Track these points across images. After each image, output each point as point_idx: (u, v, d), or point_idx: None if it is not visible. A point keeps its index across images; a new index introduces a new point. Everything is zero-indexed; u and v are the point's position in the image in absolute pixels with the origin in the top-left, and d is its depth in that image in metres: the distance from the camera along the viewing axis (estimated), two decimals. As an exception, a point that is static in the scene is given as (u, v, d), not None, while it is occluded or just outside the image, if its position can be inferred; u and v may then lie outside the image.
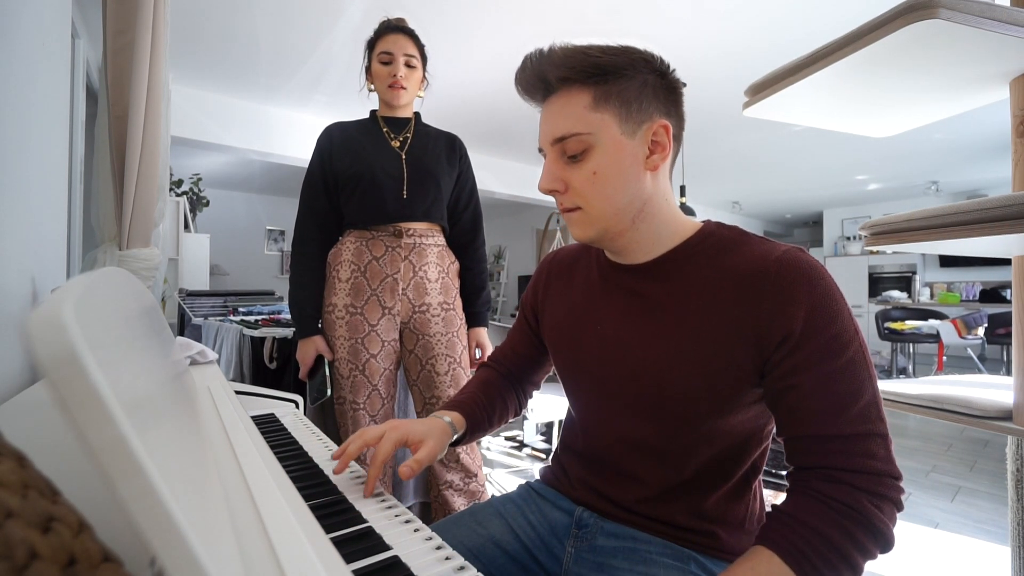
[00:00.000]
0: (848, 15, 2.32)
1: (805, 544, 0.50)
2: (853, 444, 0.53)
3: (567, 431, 0.76)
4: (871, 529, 0.50)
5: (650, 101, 0.58)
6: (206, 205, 4.78)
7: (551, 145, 0.60)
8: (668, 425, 0.61)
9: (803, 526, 0.51)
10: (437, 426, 0.67)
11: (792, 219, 8.58)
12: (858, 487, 0.52)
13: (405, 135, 1.38)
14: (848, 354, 0.53)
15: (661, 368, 0.60)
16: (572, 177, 0.59)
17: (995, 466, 2.54)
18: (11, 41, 0.64)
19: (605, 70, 0.56)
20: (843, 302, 0.55)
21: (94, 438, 0.20)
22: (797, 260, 0.55)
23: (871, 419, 0.53)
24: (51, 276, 0.85)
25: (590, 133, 0.57)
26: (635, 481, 0.65)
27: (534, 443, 2.89)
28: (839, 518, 0.51)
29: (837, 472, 0.53)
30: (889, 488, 0.52)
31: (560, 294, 0.75)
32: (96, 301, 0.29)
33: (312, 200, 1.37)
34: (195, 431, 0.44)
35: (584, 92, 0.57)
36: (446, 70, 2.89)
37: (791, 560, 0.49)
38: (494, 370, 0.84)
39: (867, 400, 0.53)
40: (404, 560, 0.44)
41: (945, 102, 1.00)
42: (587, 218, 0.61)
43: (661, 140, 0.59)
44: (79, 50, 1.96)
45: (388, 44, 1.31)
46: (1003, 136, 4.04)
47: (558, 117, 0.59)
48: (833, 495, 0.52)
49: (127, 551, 0.24)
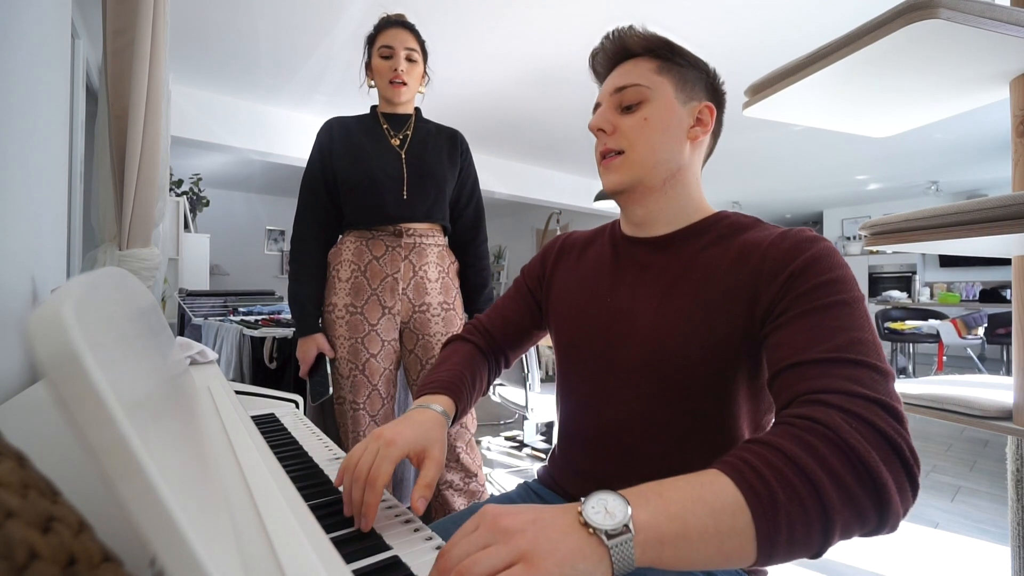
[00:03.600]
0: (848, 15, 2.32)
1: (752, 456, 0.41)
2: (836, 368, 0.45)
3: (566, 417, 0.74)
4: (845, 451, 0.39)
5: (701, 89, 0.67)
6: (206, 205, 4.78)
7: (611, 95, 0.66)
8: (669, 396, 0.61)
9: (755, 442, 0.42)
10: (432, 422, 0.59)
11: (792, 219, 8.57)
12: (831, 404, 0.42)
13: (405, 132, 1.36)
14: (844, 297, 0.50)
15: (662, 335, 0.61)
16: (623, 122, 0.65)
17: (995, 466, 2.53)
18: (11, 41, 0.64)
19: (676, 52, 0.66)
20: (847, 265, 0.53)
21: (94, 438, 0.20)
22: (802, 231, 0.58)
23: (863, 352, 0.46)
24: (51, 276, 0.85)
25: (649, 88, 0.64)
26: (638, 459, 0.64)
27: (534, 443, 2.89)
28: (798, 431, 0.41)
29: (811, 395, 0.44)
30: (877, 416, 0.41)
31: (570, 268, 0.76)
32: (96, 301, 0.29)
33: (312, 197, 1.35)
34: (195, 431, 0.44)
35: (653, 60, 0.65)
36: (447, 69, 2.89)
37: (730, 470, 0.40)
38: (472, 344, 0.79)
39: (861, 336, 0.47)
40: (404, 560, 0.44)
41: (945, 102, 1.00)
42: (627, 162, 0.65)
43: (704, 119, 0.66)
44: (79, 50, 1.96)
45: (388, 38, 1.29)
46: (1003, 136, 4.04)
47: (625, 72, 0.66)
48: (800, 413, 0.43)
49: (127, 551, 0.24)
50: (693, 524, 0.37)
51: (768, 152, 4.62)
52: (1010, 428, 0.85)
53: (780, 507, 0.38)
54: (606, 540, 0.36)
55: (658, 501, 0.38)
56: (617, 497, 0.38)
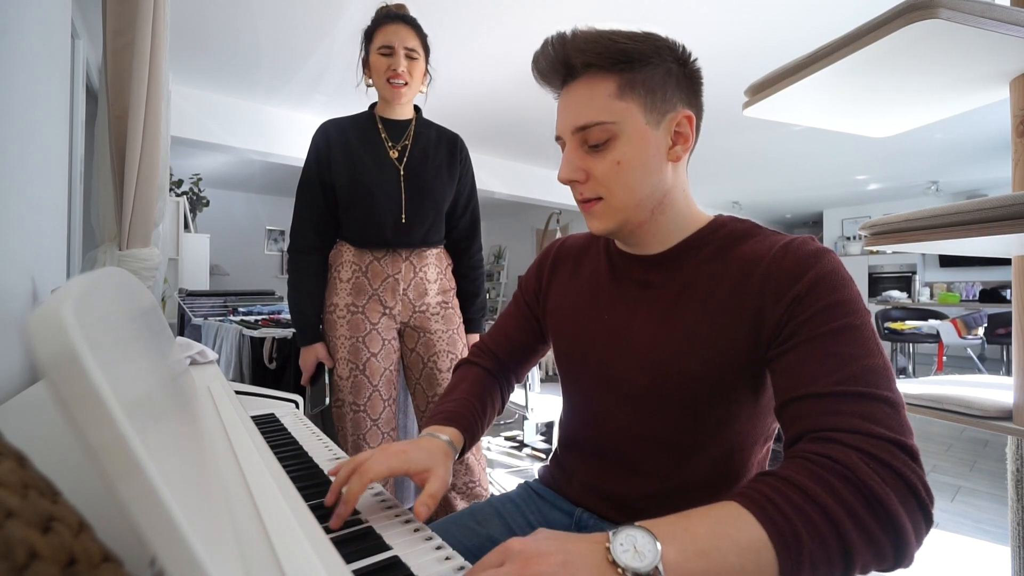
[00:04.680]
0: (848, 15, 2.32)
1: (774, 492, 0.41)
2: (848, 403, 0.45)
3: (567, 429, 0.75)
4: (864, 492, 0.40)
5: (674, 91, 0.58)
6: (206, 205, 4.78)
7: (572, 134, 0.58)
8: (671, 414, 0.60)
9: (773, 476, 0.43)
10: (438, 450, 0.60)
11: (792, 219, 8.57)
12: (848, 444, 0.43)
13: (404, 142, 1.31)
14: (852, 320, 0.49)
15: (663, 354, 0.60)
16: (594, 166, 0.58)
17: (995, 466, 2.53)
18: (11, 41, 0.64)
19: (631, 57, 0.55)
20: (851, 281, 0.52)
21: (94, 438, 0.20)
22: (804, 243, 0.55)
23: (873, 382, 0.45)
24: (51, 276, 0.85)
25: (615, 122, 0.56)
26: (639, 475, 0.64)
27: (534, 443, 2.89)
28: (817, 469, 0.42)
29: (826, 432, 0.44)
30: (893, 456, 0.42)
31: (566, 282, 0.74)
32: (96, 301, 0.29)
33: (309, 206, 1.32)
34: (195, 431, 0.44)
35: (609, 79, 0.56)
36: (447, 67, 2.88)
37: (754, 507, 0.40)
38: (480, 367, 0.80)
39: (871, 363, 0.46)
40: (404, 560, 0.44)
41: (945, 102, 1.00)
42: (608, 209, 0.60)
43: (684, 131, 0.59)
44: (79, 50, 1.96)
45: (388, 36, 1.22)
46: (1003, 136, 4.04)
47: (581, 105, 0.57)
48: (816, 451, 0.43)
49: (127, 551, 0.24)
50: (719, 561, 0.38)
51: (768, 152, 4.62)
52: (1010, 428, 0.85)
53: (804, 547, 0.38)
54: None
55: (685, 537, 0.38)
56: (646, 534, 0.38)
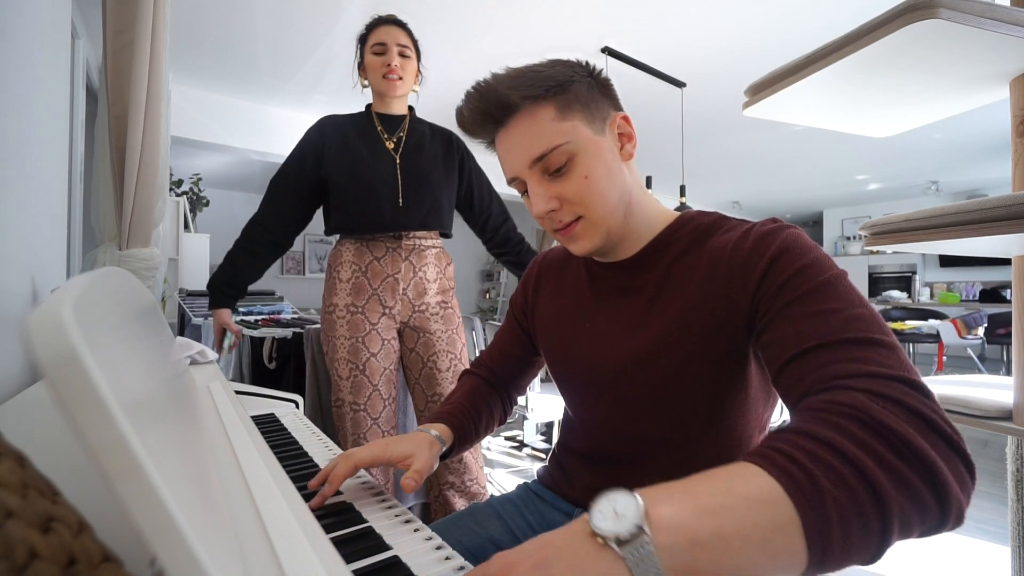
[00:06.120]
0: (848, 15, 2.32)
1: (782, 443, 0.36)
2: (842, 351, 0.42)
3: (567, 433, 0.76)
4: (882, 431, 0.35)
5: (600, 99, 0.60)
6: (206, 205, 4.77)
7: (530, 168, 0.58)
8: (663, 413, 0.61)
9: (778, 431, 0.39)
10: (423, 440, 0.63)
11: (792, 219, 8.58)
12: (852, 388, 0.38)
13: (399, 134, 1.35)
14: (824, 277, 0.48)
15: (646, 356, 0.60)
16: (564, 189, 0.59)
17: (995, 466, 2.53)
18: (11, 41, 0.64)
19: (558, 80, 0.57)
20: (815, 246, 0.52)
21: (94, 438, 0.20)
22: (763, 225, 0.56)
23: (863, 328, 0.43)
24: (51, 276, 0.85)
25: (569, 141, 0.57)
26: (639, 475, 0.64)
27: (534, 443, 2.89)
28: (824, 415, 0.37)
29: (826, 383, 0.41)
30: (903, 393, 0.37)
31: (551, 296, 0.75)
32: (96, 301, 0.29)
33: (283, 197, 1.33)
34: (195, 431, 0.44)
35: (547, 106, 0.57)
36: (444, 70, 2.89)
37: (761, 460, 0.35)
38: (479, 377, 0.82)
39: (856, 312, 0.44)
40: (404, 560, 0.44)
41: (945, 102, 1.00)
42: (591, 225, 0.60)
43: (626, 130, 0.62)
44: (79, 50, 1.96)
45: (381, 35, 1.29)
46: (1003, 136, 4.04)
47: (531, 136, 0.58)
48: (819, 401, 0.39)
49: (127, 551, 0.24)
50: (730, 520, 0.31)
51: (768, 152, 4.62)
52: (1010, 428, 0.85)
53: (825, 494, 0.32)
54: (617, 549, 0.30)
55: (682, 496, 0.33)
56: (628, 495, 0.32)
